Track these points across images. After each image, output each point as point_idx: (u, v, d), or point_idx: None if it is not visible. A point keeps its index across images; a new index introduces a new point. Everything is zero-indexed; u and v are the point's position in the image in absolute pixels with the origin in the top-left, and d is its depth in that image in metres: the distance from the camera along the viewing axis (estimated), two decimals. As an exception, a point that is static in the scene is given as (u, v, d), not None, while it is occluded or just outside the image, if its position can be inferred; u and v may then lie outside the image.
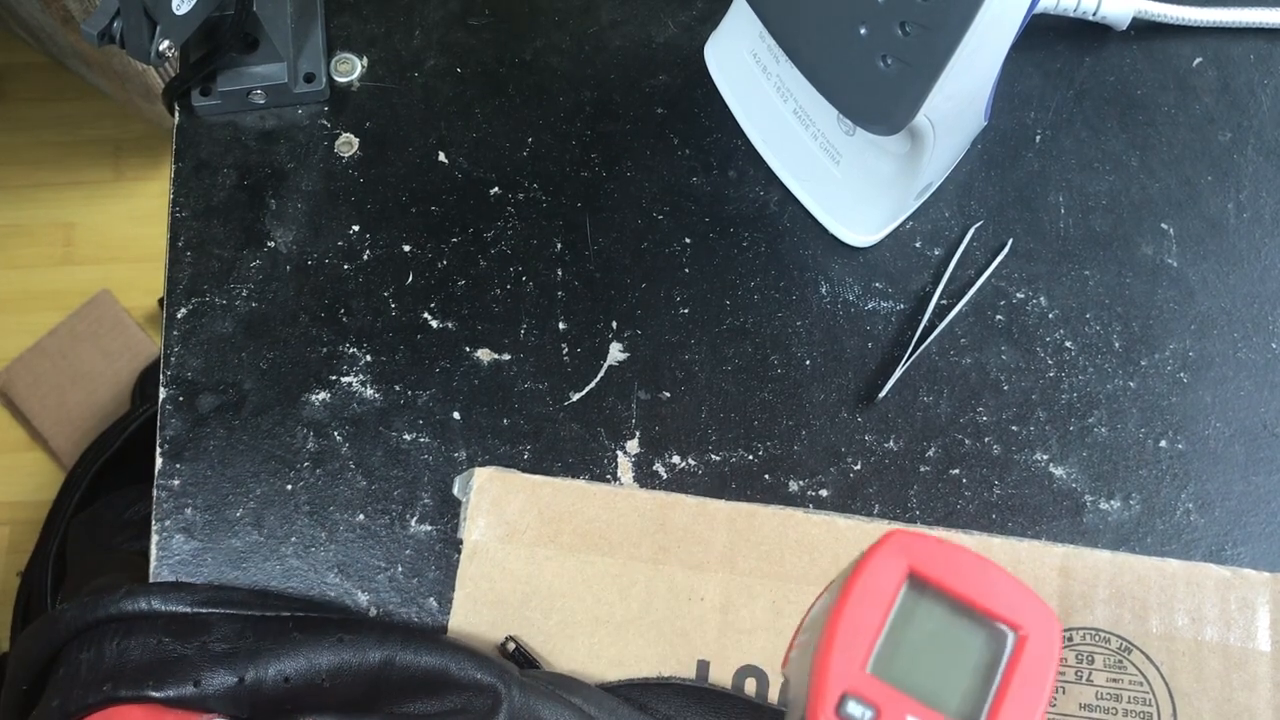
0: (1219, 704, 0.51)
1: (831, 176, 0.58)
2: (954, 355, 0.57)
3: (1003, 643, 0.33)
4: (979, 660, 0.33)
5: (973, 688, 0.32)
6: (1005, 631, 0.33)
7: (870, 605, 0.33)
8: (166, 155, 1.34)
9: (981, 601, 0.33)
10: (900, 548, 0.34)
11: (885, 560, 0.34)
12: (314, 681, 0.49)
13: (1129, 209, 0.60)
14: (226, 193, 0.60)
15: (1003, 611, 0.33)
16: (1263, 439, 0.56)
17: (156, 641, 0.50)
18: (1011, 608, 0.33)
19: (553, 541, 0.54)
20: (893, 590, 0.33)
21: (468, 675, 0.49)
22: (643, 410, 0.56)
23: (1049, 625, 0.33)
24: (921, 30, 0.45)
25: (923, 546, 0.34)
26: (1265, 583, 0.52)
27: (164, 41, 0.54)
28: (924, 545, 0.34)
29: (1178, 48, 0.63)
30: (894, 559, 0.34)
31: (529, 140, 0.61)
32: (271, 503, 0.55)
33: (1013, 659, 0.32)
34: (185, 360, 0.57)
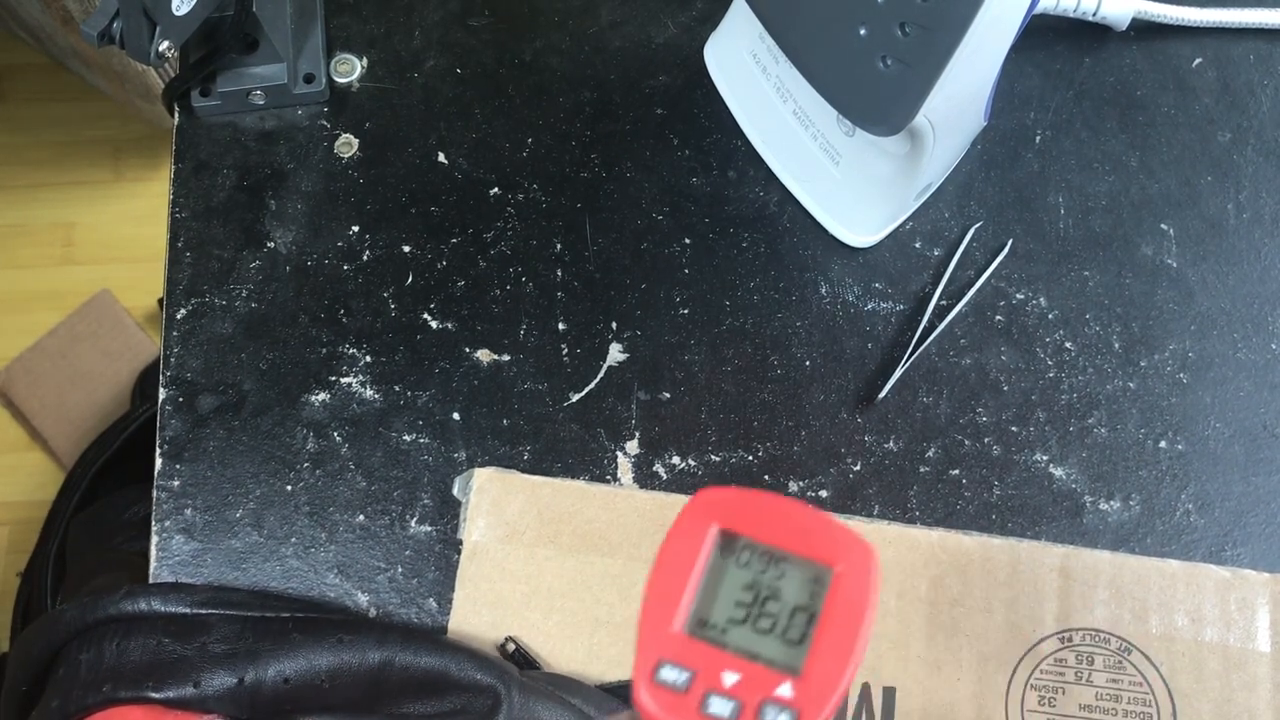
0: (1219, 705, 0.51)
1: (831, 177, 0.58)
2: (954, 356, 0.57)
3: (819, 582, 0.32)
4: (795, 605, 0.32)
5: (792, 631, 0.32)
6: (820, 571, 0.33)
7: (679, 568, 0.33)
8: (166, 155, 1.34)
9: (792, 546, 0.33)
10: (706, 506, 0.33)
11: (692, 521, 0.33)
12: (313, 682, 0.49)
13: (1129, 209, 0.60)
14: (226, 193, 0.60)
15: (814, 552, 0.33)
16: (1263, 439, 0.56)
17: (156, 642, 0.50)
18: (823, 547, 0.33)
19: (553, 542, 0.54)
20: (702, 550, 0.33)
21: (467, 676, 0.49)
22: (642, 411, 0.56)
23: (863, 557, 0.32)
24: (921, 31, 0.45)
25: (729, 500, 0.33)
26: (1265, 583, 0.52)
27: (164, 42, 0.54)
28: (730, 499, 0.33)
29: (1178, 48, 0.63)
30: (701, 519, 0.33)
31: (529, 140, 0.61)
32: (271, 503, 0.55)
33: (829, 597, 0.32)
34: (185, 361, 0.57)
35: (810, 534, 0.33)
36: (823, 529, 0.33)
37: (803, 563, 0.33)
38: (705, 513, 0.33)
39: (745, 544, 0.33)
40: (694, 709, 0.31)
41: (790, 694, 0.31)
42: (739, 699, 0.31)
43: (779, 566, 0.33)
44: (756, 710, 0.31)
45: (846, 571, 0.32)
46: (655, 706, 0.31)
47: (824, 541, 0.33)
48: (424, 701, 0.50)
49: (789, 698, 0.31)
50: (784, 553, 0.33)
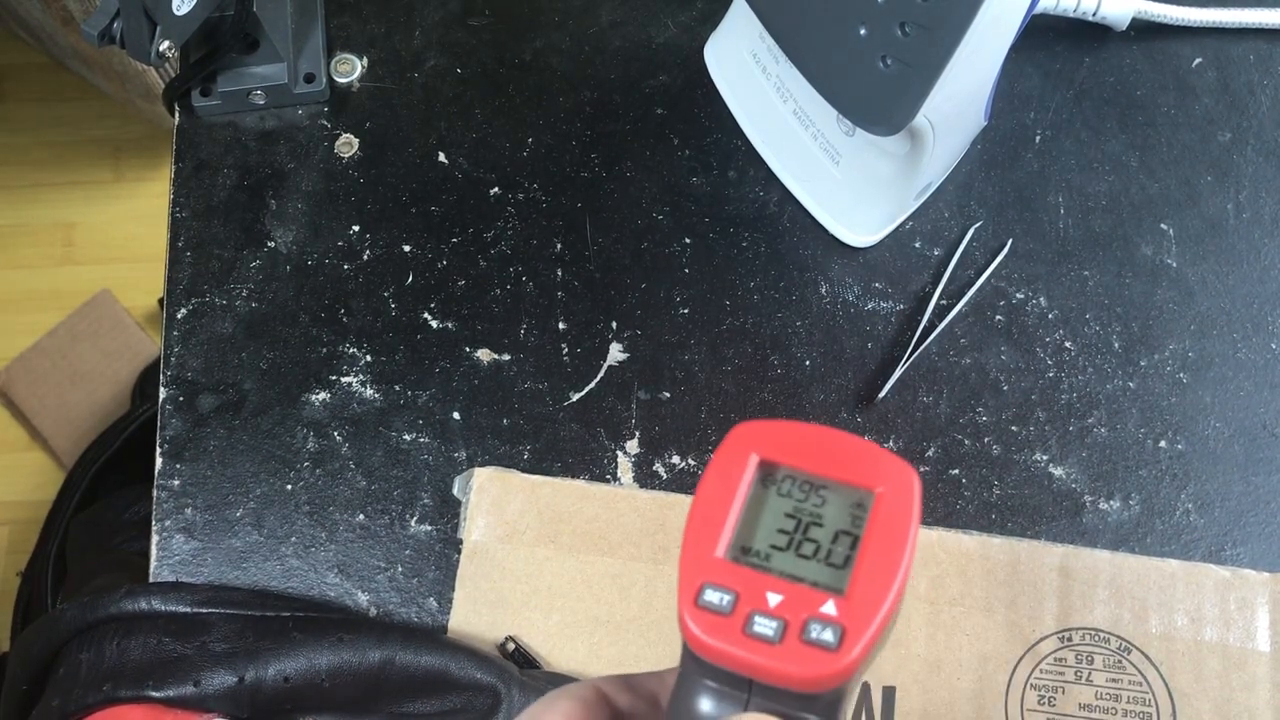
0: (1218, 704, 0.51)
1: (831, 177, 0.58)
2: (954, 355, 0.57)
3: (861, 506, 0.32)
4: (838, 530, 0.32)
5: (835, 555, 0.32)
6: (861, 495, 0.33)
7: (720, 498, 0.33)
8: (166, 155, 1.34)
9: (832, 472, 0.33)
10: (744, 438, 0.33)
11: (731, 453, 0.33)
12: (314, 681, 0.49)
13: (1129, 209, 0.60)
14: (226, 193, 0.60)
15: (854, 477, 0.33)
16: (1262, 439, 0.56)
17: (156, 641, 0.50)
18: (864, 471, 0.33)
19: (553, 542, 0.54)
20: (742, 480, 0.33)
21: (468, 675, 0.49)
22: (642, 410, 0.56)
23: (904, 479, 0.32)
24: (921, 31, 0.45)
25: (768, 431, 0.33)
26: (1264, 583, 0.52)
27: (164, 42, 0.54)
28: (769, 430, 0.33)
29: (1178, 48, 0.63)
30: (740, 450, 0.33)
31: (529, 140, 0.61)
32: (271, 503, 0.55)
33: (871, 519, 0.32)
34: (185, 360, 0.57)
35: (850, 459, 0.33)
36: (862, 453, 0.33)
37: (843, 488, 0.33)
38: (744, 444, 0.33)
39: (786, 473, 0.33)
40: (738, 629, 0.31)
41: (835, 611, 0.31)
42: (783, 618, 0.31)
43: (820, 494, 0.33)
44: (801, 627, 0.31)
45: (888, 493, 0.32)
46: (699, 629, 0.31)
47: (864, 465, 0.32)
48: (424, 700, 0.50)
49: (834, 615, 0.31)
50: (824, 479, 0.33)
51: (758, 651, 0.30)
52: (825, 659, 0.30)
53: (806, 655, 0.30)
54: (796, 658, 0.30)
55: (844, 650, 0.30)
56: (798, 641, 0.30)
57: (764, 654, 0.30)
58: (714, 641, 0.31)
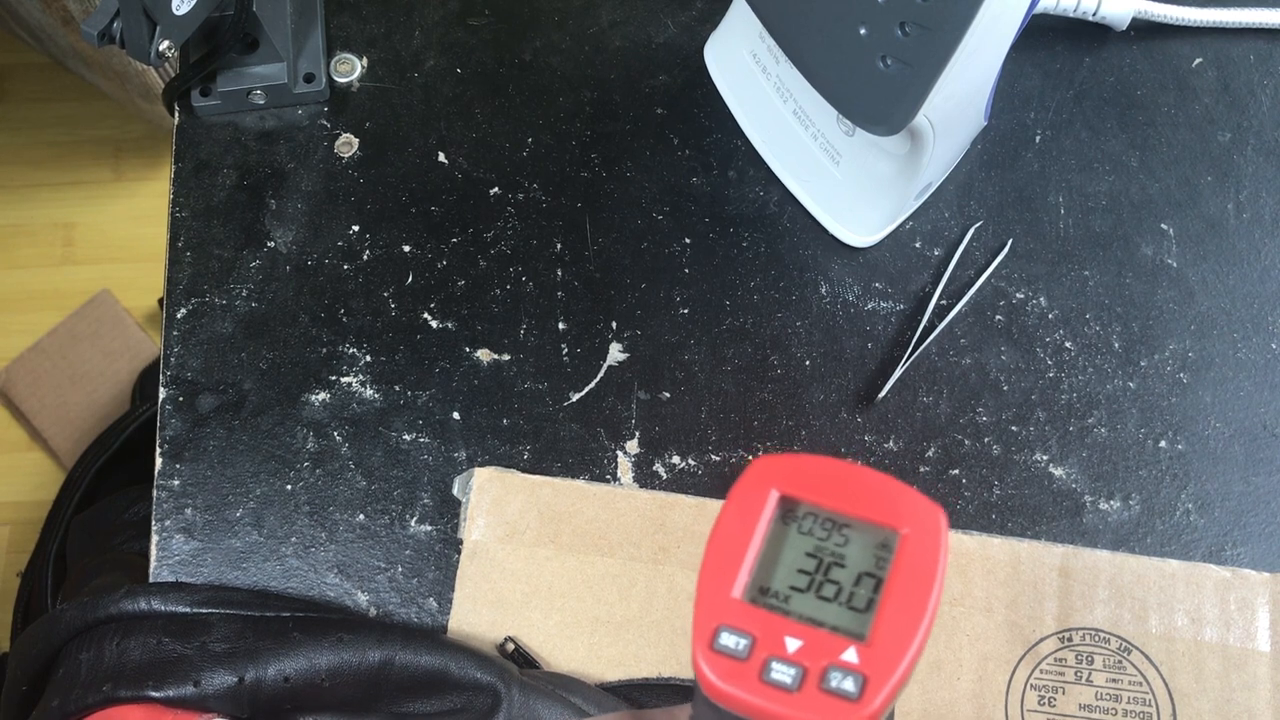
0: (1218, 704, 0.51)
1: (831, 177, 0.58)
2: (954, 356, 0.57)
3: (886, 547, 0.31)
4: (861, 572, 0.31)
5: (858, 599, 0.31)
6: (886, 535, 0.31)
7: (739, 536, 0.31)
8: (166, 155, 1.34)
9: (855, 510, 0.31)
10: (764, 473, 0.32)
11: (750, 488, 0.32)
12: (314, 681, 0.49)
13: (1129, 209, 0.60)
14: (226, 193, 0.60)
15: (879, 516, 0.31)
16: (1262, 439, 0.56)
17: (156, 641, 0.50)
18: (889, 510, 0.31)
19: (553, 542, 0.54)
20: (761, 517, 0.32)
21: (468, 675, 0.49)
22: (642, 410, 0.56)
23: (931, 519, 0.31)
24: (921, 31, 0.45)
25: (788, 467, 0.32)
26: (1265, 583, 0.52)
27: (164, 42, 0.54)
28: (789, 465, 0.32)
29: (1178, 48, 0.63)
30: (759, 485, 0.32)
31: (529, 140, 0.61)
32: (271, 503, 0.55)
33: (896, 561, 0.31)
34: (185, 360, 0.57)
35: (874, 497, 0.31)
36: (887, 491, 0.31)
37: (867, 527, 0.31)
38: (764, 479, 0.32)
39: (807, 510, 0.32)
40: (754, 675, 0.30)
41: (856, 659, 0.30)
42: (802, 665, 0.30)
43: (843, 533, 0.32)
44: (821, 675, 0.29)
45: (914, 534, 0.31)
46: (714, 674, 0.30)
47: (889, 504, 0.31)
48: (424, 700, 0.50)
49: (855, 663, 0.30)
50: (847, 518, 0.32)
51: (774, 700, 0.29)
52: (845, 709, 0.29)
53: (826, 705, 0.29)
54: (815, 707, 0.29)
55: (865, 700, 0.29)
56: (817, 690, 0.29)
57: (781, 702, 0.29)
58: (729, 688, 0.30)
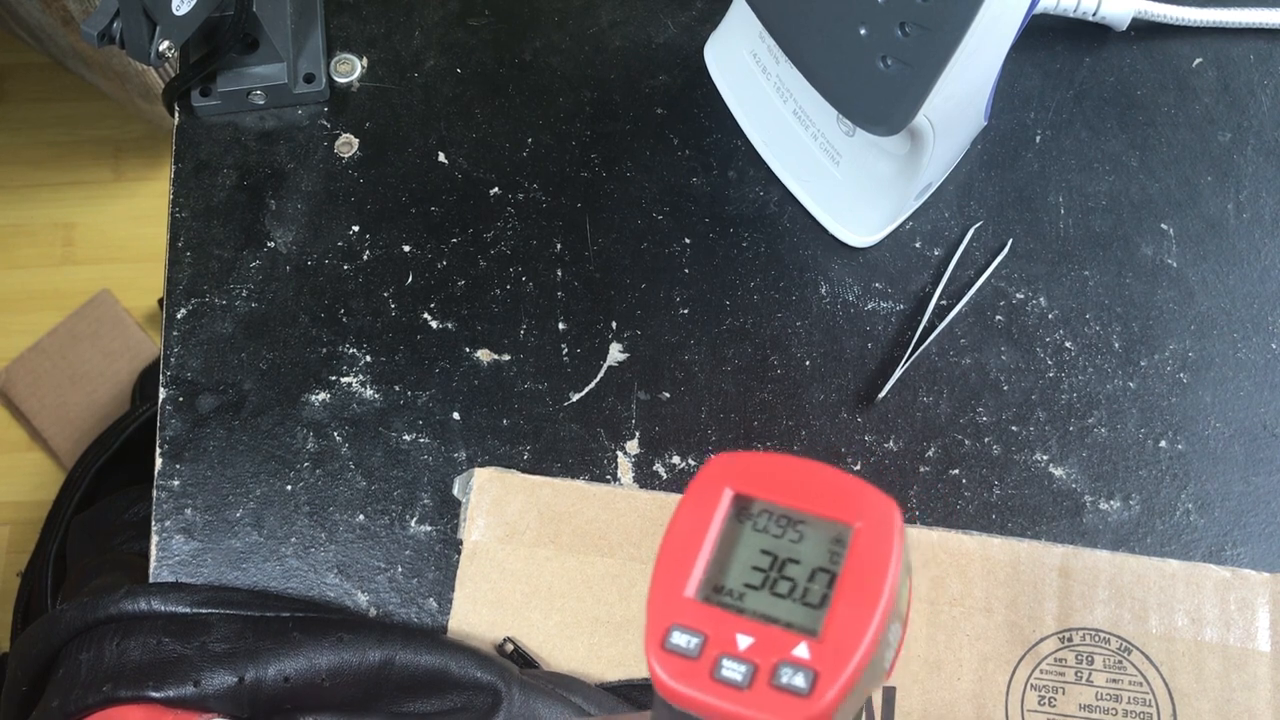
0: (1219, 704, 0.51)
1: (831, 177, 0.58)
2: (954, 356, 0.57)
3: (839, 542, 0.31)
4: (815, 567, 0.31)
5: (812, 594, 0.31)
6: (840, 530, 0.31)
7: (691, 534, 0.31)
8: (166, 155, 1.34)
9: (809, 506, 0.31)
10: (719, 471, 0.32)
11: (705, 487, 0.32)
12: (314, 681, 0.49)
13: (1129, 209, 0.60)
14: (226, 193, 0.60)
15: (832, 511, 0.31)
16: (1263, 439, 0.56)
17: (156, 642, 0.50)
18: (842, 505, 0.31)
19: (552, 542, 0.54)
20: (715, 515, 0.32)
21: (468, 674, 0.49)
22: (642, 411, 0.56)
23: (885, 512, 0.31)
24: (921, 31, 0.45)
25: (743, 464, 0.32)
26: (1265, 583, 0.52)
27: (164, 42, 0.54)
28: (744, 463, 0.32)
29: (1178, 48, 0.63)
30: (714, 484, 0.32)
31: (529, 140, 0.61)
32: (271, 503, 0.55)
33: (849, 556, 0.31)
34: (185, 360, 0.57)
35: (828, 493, 0.31)
36: (841, 486, 0.31)
37: (821, 523, 0.31)
38: (719, 477, 0.32)
39: (761, 508, 0.32)
40: (705, 674, 0.30)
41: (807, 655, 0.30)
42: (753, 661, 0.30)
43: (797, 529, 0.32)
44: (771, 671, 0.29)
45: (867, 528, 0.31)
46: (665, 674, 0.30)
47: (842, 499, 0.31)
48: (424, 700, 0.50)
49: (806, 659, 0.30)
50: (802, 514, 0.32)
51: (725, 697, 0.29)
52: (796, 705, 0.29)
53: (776, 701, 0.29)
54: (765, 704, 0.29)
55: (816, 696, 0.29)
56: (767, 687, 0.29)
57: (732, 700, 0.29)
58: (680, 687, 0.30)
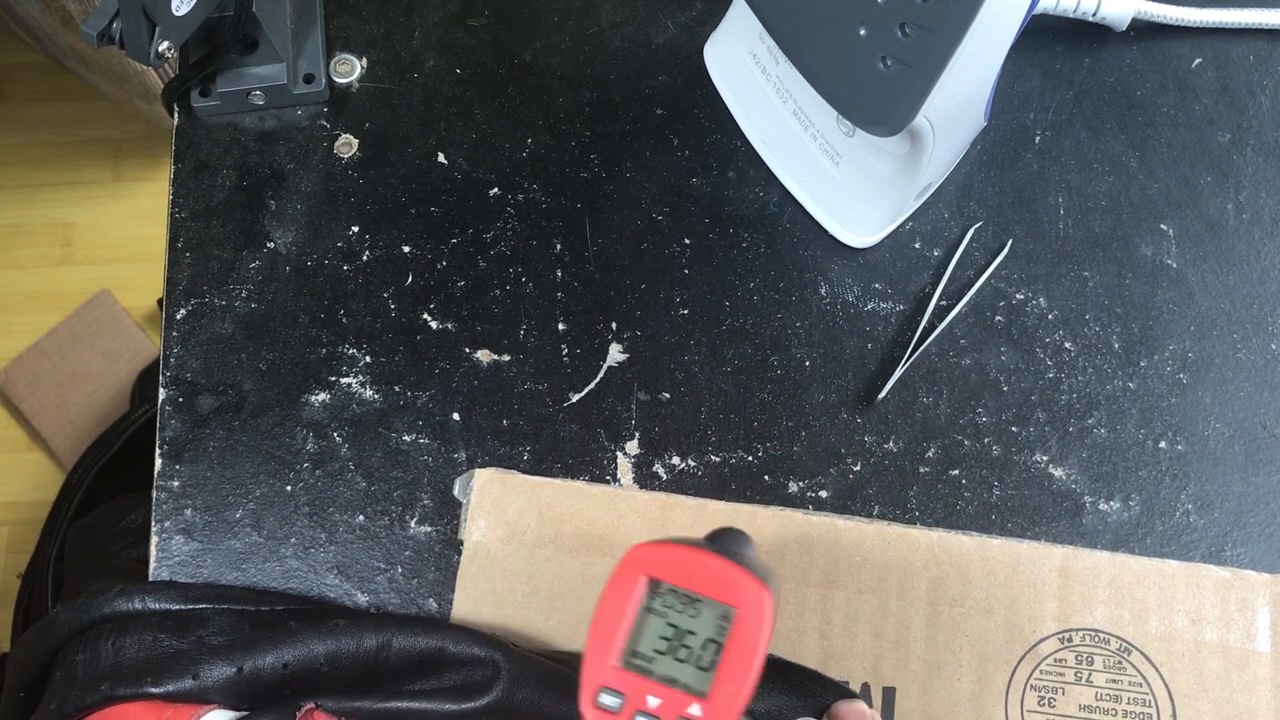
0: (1219, 705, 0.51)
1: (831, 177, 0.58)
2: (953, 356, 0.57)
3: (726, 620, 0.39)
4: (707, 638, 0.39)
5: (704, 661, 0.39)
6: (726, 610, 0.39)
7: (616, 610, 0.40)
8: (166, 155, 1.34)
9: (704, 590, 0.40)
10: (638, 559, 0.40)
11: (626, 571, 0.40)
12: (312, 666, 0.49)
13: (1128, 210, 0.60)
14: (226, 193, 0.60)
15: (722, 595, 0.39)
16: (1262, 440, 0.56)
17: (152, 638, 0.50)
18: (729, 590, 0.39)
19: (553, 543, 0.54)
20: (634, 595, 0.40)
21: (465, 651, 0.49)
22: (642, 411, 0.56)
23: (759, 598, 0.39)
24: (921, 31, 0.45)
25: (657, 554, 0.40)
26: (1265, 584, 0.52)
27: (163, 42, 0.54)
28: (658, 553, 0.40)
29: (1177, 48, 0.63)
30: (633, 569, 0.40)
31: (529, 141, 0.61)
32: (271, 504, 0.55)
33: (732, 632, 0.39)
34: (185, 361, 0.57)
35: (718, 580, 0.39)
36: (729, 576, 0.39)
37: (712, 603, 0.40)
38: (636, 566, 0.40)
39: (668, 589, 0.40)
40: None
41: (699, 713, 0.39)
42: (660, 718, 0.39)
43: (695, 606, 0.40)
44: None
45: (745, 611, 0.39)
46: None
47: (729, 585, 0.39)
48: (423, 680, 0.50)
49: (699, 716, 0.38)
50: (698, 595, 0.40)
51: None
52: None
53: None
54: None
55: None
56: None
57: None
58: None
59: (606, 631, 0.40)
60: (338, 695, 0.49)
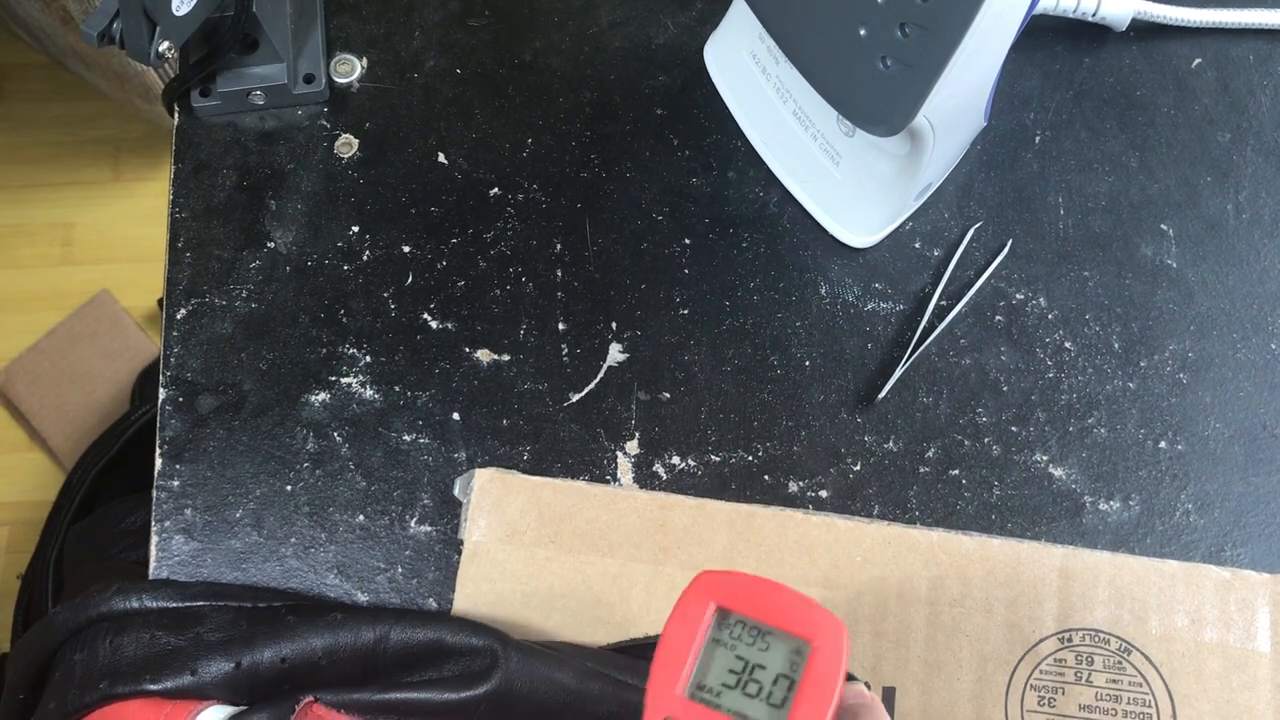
0: (1219, 705, 0.51)
1: (831, 177, 0.58)
2: (953, 356, 0.57)
3: (799, 655, 0.38)
4: (778, 673, 0.38)
5: (775, 698, 0.38)
6: (800, 644, 0.38)
7: (683, 638, 0.38)
8: (166, 155, 1.34)
9: (776, 622, 0.38)
10: (707, 586, 0.39)
11: (694, 598, 0.39)
12: (311, 660, 0.49)
13: (1128, 210, 0.60)
14: (226, 193, 0.60)
15: (796, 628, 0.38)
16: (1262, 439, 0.56)
17: (150, 636, 0.50)
18: (803, 623, 0.38)
19: (553, 542, 0.54)
20: (702, 623, 0.38)
21: (463, 641, 0.50)
22: (642, 411, 0.56)
23: (837, 633, 0.38)
24: (921, 31, 0.45)
25: (726, 582, 0.39)
26: (1264, 584, 0.52)
27: (163, 42, 0.54)
28: (728, 580, 0.39)
29: (1177, 48, 0.63)
30: (702, 596, 0.39)
31: (529, 141, 0.61)
32: (271, 503, 0.55)
33: (807, 668, 0.37)
34: (185, 361, 0.57)
35: (792, 613, 0.38)
36: (804, 608, 0.38)
37: (785, 636, 0.38)
38: (705, 592, 0.39)
39: (737, 619, 0.39)
40: None
41: None
42: None
43: (765, 639, 0.38)
44: None
45: (822, 646, 0.38)
46: None
47: (805, 618, 0.38)
48: (422, 671, 0.50)
49: None
50: (769, 627, 0.38)
51: None
52: None
53: None
54: None
55: None
56: None
57: None
58: None
59: (673, 660, 0.38)
60: (336, 688, 0.49)
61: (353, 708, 0.48)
